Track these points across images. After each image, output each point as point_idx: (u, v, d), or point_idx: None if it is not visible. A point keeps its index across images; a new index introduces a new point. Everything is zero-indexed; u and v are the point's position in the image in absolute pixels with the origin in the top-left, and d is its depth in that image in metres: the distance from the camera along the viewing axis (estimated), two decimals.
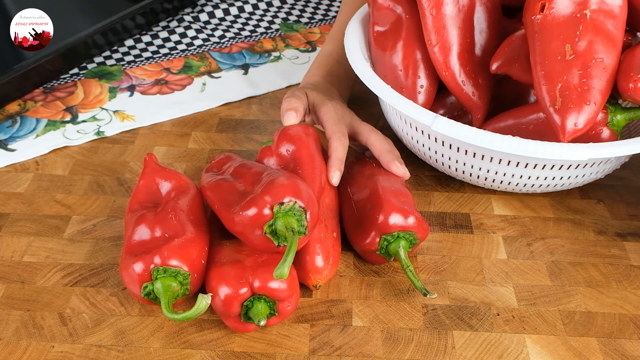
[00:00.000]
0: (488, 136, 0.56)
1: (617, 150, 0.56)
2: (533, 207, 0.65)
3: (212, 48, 0.90)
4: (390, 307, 0.54)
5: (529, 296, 0.56)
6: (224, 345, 0.51)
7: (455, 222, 0.63)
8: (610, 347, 0.52)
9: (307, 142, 0.58)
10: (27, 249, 0.58)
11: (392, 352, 0.51)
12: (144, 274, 0.48)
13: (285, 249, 0.46)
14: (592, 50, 0.55)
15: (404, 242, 0.54)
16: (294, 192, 0.47)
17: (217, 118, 0.77)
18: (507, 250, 0.60)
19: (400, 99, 0.60)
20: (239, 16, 0.98)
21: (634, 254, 0.60)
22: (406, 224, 0.54)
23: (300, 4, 1.02)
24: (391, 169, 0.60)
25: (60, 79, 0.82)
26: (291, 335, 0.52)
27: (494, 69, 0.62)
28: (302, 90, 0.66)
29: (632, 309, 0.55)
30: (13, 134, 0.72)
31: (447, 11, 0.61)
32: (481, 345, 0.51)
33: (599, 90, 0.55)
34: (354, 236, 0.57)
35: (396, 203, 0.55)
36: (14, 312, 0.53)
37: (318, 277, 0.53)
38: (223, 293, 0.48)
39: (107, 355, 0.50)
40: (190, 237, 0.50)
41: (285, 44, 0.92)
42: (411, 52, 0.65)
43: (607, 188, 0.68)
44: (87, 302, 0.54)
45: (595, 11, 0.56)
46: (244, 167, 0.54)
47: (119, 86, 0.81)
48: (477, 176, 0.63)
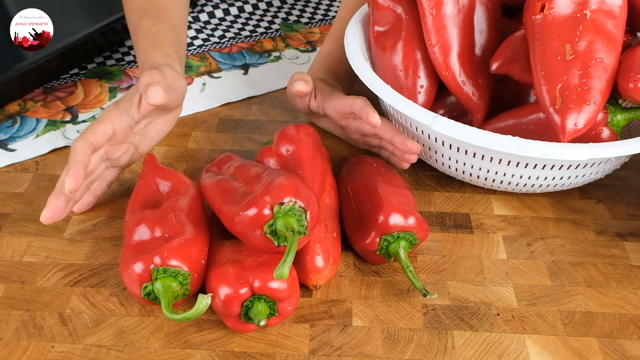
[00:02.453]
0: (488, 136, 0.56)
1: (617, 150, 0.56)
2: (533, 207, 0.65)
3: (212, 48, 0.90)
4: (390, 307, 0.54)
5: (529, 296, 0.56)
6: (224, 345, 0.51)
7: (455, 222, 0.63)
8: (610, 347, 0.52)
9: (307, 142, 0.58)
10: (27, 249, 0.58)
11: (392, 352, 0.51)
12: (144, 274, 0.48)
13: (285, 249, 0.46)
14: (592, 50, 0.56)
15: (404, 242, 0.54)
16: (294, 192, 0.47)
17: (217, 118, 0.77)
18: (507, 250, 0.60)
19: (400, 99, 0.60)
20: (239, 16, 0.98)
21: (634, 254, 0.60)
22: (406, 224, 0.54)
23: (300, 4, 1.02)
24: (407, 145, 0.62)
25: (60, 79, 0.82)
26: (291, 335, 0.52)
27: (494, 69, 0.62)
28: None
29: (632, 309, 0.55)
30: (13, 134, 0.72)
31: (447, 11, 0.61)
32: (481, 345, 0.51)
33: (599, 90, 0.55)
34: (354, 236, 0.57)
35: (396, 203, 0.55)
36: (14, 312, 0.53)
37: (318, 277, 0.53)
38: (223, 293, 0.48)
39: (107, 355, 0.50)
40: (190, 237, 0.50)
41: (285, 44, 0.92)
42: (411, 52, 0.65)
43: (607, 188, 0.68)
44: (87, 302, 0.54)
45: (595, 11, 0.56)
46: (244, 167, 0.54)
47: (119, 86, 0.81)
48: (477, 176, 0.63)
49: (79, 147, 0.54)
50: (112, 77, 0.83)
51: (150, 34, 0.66)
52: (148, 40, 0.65)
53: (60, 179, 0.55)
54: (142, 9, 0.69)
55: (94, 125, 0.56)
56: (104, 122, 0.57)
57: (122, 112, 0.58)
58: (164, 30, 0.67)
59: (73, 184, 0.52)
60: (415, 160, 0.64)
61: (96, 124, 0.56)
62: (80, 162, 0.54)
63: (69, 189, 0.52)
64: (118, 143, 0.59)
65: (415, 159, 0.64)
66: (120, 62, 0.86)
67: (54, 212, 0.54)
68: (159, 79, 0.56)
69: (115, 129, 0.57)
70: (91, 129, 0.56)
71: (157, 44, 0.65)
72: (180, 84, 0.61)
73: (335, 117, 0.67)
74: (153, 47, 0.64)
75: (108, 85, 0.81)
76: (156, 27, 0.66)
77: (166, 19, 0.68)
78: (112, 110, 0.58)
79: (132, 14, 0.70)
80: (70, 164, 0.54)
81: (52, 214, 0.54)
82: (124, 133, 0.58)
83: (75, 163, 0.53)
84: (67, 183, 0.52)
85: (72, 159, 0.54)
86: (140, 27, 0.67)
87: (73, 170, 0.53)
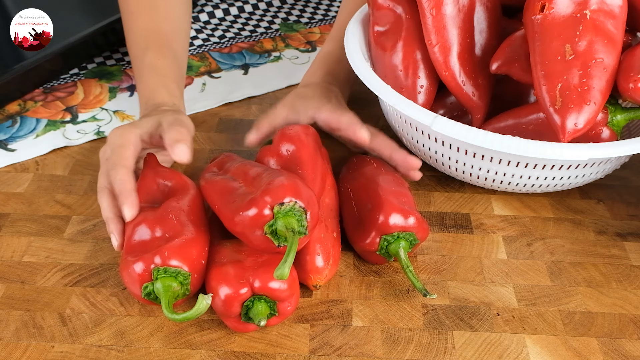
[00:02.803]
0: (488, 136, 0.56)
1: (617, 150, 0.56)
2: (533, 207, 0.65)
3: (212, 48, 0.90)
4: (390, 307, 0.54)
5: (529, 296, 0.56)
6: (224, 345, 0.51)
7: (455, 222, 0.63)
8: (610, 347, 0.52)
9: (307, 142, 0.58)
10: (27, 249, 0.58)
11: (392, 352, 0.51)
12: (144, 274, 0.48)
13: (286, 249, 0.46)
14: (592, 50, 0.56)
15: (404, 242, 0.54)
16: (294, 192, 0.47)
17: (217, 118, 0.77)
18: (507, 250, 0.60)
19: (400, 99, 0.60)
20: (239, 16, 0.98)
21: (634, 254, 0.60)
22: (406, 224, 0.54)
23: (300, 4, 1.02)
24: (409, 162, 0.61)
25: (60, 79, 0.82)
26: (291, 335, 0.52)
27: (494, 69, 0.62)
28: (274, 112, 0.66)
29: (632, 309, 0.55)
30: (13, 134, 0.72)
31: (447, 11, 0.61)
32: (481, 345, 0.51)
33: (599, 90, 0.55)
34: (354, 236, 0.57)
35: (396, 203, 0.55)
36: (14, 312, 0.53)
37: (318, 277, 0.53)
38: (223, 293, 0.48)
39: (107, 355, 0.50)
40: (190, 237, 0.50)
41: (285, 44, 0.92)
42: (411, 52, 0.65)
43: (607, 188, 0.68)
44: (87, 302, 0.54)
45: (595, 11, 0.56)
46: (244, 167, 0.54)
47: (119, 86, 0.81)
48: (477, 176, 0.63)
49: (124, 175, 0.54)
50: (112, 77, 0.83)
51: (155, 70, 0.66)
52: (153, 76, 0.66)
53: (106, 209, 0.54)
54: (145, 40, 0.69)
55: (120, 151, 0.56)
56: (128, 144, 0.57)
57: (137, 139, 0.58)
58: (169, 65, 0.68)
59: (134, 212, 0.52)
60: (419, 177, 0.63)
61: (123, 149, 0.56)
62: (134, 190, 0.54)
63: (131, 217, 0.52)
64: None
65: (420, 176, 0.63)
66: (120, 62, 0.86)
67: (120, 235, 0.53)
68: (186, 137, 0.57)
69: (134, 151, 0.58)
70: (121, 155, 0.56)
71: (163, 83, 0.66)
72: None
73: (326, 129, 0.67)
74: (159, 86, 0.65)
75: (108, 85, 0.81)
76: (161, 62, 0.67)
77: (171, 54, 0.69)
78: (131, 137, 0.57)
79: (134, 44, 0.70)
80: (125, 193, 0.53)
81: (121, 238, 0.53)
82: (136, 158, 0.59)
83: (131, 191, 0.53)
84: (127, 212, 0.52)
85: (124, 188, 0.53)
86: (144, 60, 0.67)
87: (131, 200, 0.53)
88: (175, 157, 0.56)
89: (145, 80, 0.66)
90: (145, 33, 0.70)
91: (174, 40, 0.71)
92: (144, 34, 0.70)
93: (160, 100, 0.64)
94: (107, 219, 0.54)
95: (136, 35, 0.70)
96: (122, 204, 0.53)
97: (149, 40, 0.69)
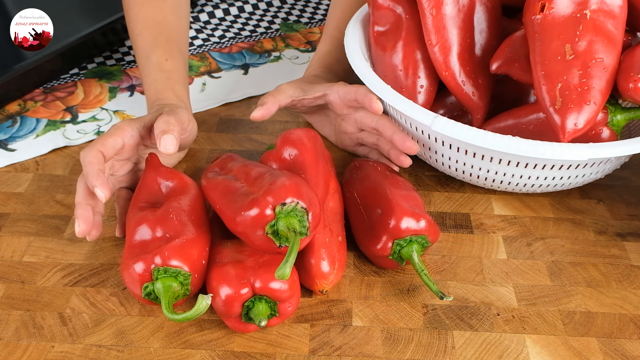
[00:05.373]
0: (488, 136, 0.56)
1: (617, 150, 0.56)
2: (533, 207, 0.66)
3: (212, 48, 0.90)
4: (390, 307, 0.54)
5: (529, 296, 0.56)
6: (224, 345, 0.51)
7: (455, 222, 0.63)
8: (610, 347, 0.52)
9: (309, 146, 0.57)
10: (27, 249, 0.58)
11: (392, 352, 0.51)
12: (145, 274, 0.48)
13: (287, 250, 0.46)
14: (592, 50, 0.56)
15: (416, 245, 0.54)
16: (296, 192, 0.47)
17: (217, 118, 0.77)
18: (507, 250, 0.60)
19: (400, 99, 0.60)
20: (239, 16, 0.98)
21: (634, 254, 0.61)
22: (418, 227, 0.54)
23: (300, 4, 1.02)
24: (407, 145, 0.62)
25: (60, 79, 0.82)
26: (291, 335, 0.52)
27: (494, 69, 0.62)
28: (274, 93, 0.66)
29: (632, 309, 0.55)
30: (13, 134, 0.72)
31: (447, 11, 0.61)
32: (481, 345, 0.51)
33: (599, 90, 0.55)
34: (364, 241, 0.56)
35: (407, 207, 0.54)
36: (14, 312, 0.53)
37: (324, 282, 0.53)
38: (224, 293, 0.48)
39: (107, 355, 0.50)
40: (191, 237, 0.50)
41: (285, 44, 0.92)
42: (411, 52, 0.65)
43: (607, 188, 0.68)
44: (87, 302, 0.54)
45: (595, 11, 0.56)
46: (246, 167, 0.54)
47: (119, 86, 0.81)
48: (477, 176, 0.63)
49: (92, 157, 0.53)
50: (112, 77, 0.83)
51: (163, 72, 0.66)
52: (161, 78, 0.66)
53: (79, 194, 0.54)
54: (151, 35, 0.69)
55: (104, 136, 0.56)
56: (115, 135, 0.56)
57: (134, 129, 0.58)
58: (177, 67, 0.68)
59: (107, 193, 0.52)
60: (408, 164, 0.64)
61: (107, 136, 0.56)
62: (101, 171, 0.53)
63: (105, 197, 0.52)
64: (123, 158, 0.59)
65: (409, 163, 0.64)
66: (120, 62, 0.86)
67: (85, 222, 0.52)
68: (174, 127, 0.56)
69: (124, 144, 0.57)
70: (101, 140, 0.55)
71: (171, 85, 0.65)
72: (193, 127, 0.63)
73: (338, 104, 0.66)
74: (167, 89, 0.65)
75: (108, 85, 0.81)
76: (169, 64, 0.67)
77: (178, 53, 0.69)
78: (124, 126, 0.57)
79: (140, 36, 0.69)
80: (92, 175, 0.52)
81: (85, 225, 0.52)
82: (131, 149, 0.59)
83: (98, 172, 0.52)
84: (100, 193, 0.51)
85: (91, 169, 0.53)
86: (151, 59, 0.67)
87: (101, 180, 0.52)
88: (160, 147, 0.55)
89: (153, 80, 0.66)
90: (152, 24, 0.69)
91: (181, 34, 0.71)
92: (150, 25, 0.69)
93: (166, 102, 0.64)
94: (76, 204, 0.54)
95: (142, 26, 0.69)
96: (92, 187, 0.52)
97: (156, 33, 0.68)
